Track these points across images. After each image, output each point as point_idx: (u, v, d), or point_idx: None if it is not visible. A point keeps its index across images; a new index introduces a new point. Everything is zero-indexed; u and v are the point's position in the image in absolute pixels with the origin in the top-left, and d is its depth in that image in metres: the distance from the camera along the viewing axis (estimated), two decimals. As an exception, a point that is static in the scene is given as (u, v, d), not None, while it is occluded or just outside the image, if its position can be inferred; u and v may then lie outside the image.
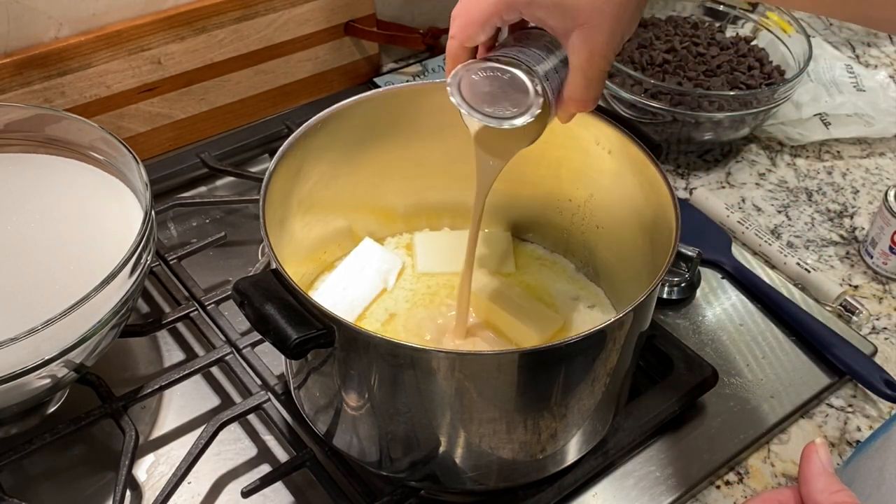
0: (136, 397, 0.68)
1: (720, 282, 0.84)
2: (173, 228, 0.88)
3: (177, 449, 0.69)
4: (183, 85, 0.92)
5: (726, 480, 0.69)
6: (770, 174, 0.97)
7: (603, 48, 0.53)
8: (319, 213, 0.71)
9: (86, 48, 0.84)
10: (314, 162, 0.67)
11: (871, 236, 0.85)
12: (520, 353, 0.57)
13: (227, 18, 0.91)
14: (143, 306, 0.80)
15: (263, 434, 0.70)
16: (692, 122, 0.93)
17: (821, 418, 0.74)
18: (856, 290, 0.84)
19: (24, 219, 0.70)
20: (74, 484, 0.67)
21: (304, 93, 1.01)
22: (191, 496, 0.66)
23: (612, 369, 0.59)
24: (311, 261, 0.74)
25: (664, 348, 0.73)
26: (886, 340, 0.80)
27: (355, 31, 1.00)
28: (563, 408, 0.59)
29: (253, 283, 0.54)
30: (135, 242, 0.62)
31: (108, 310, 0.61)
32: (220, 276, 0.82)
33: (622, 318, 0.55)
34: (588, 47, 0.53)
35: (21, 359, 0.58)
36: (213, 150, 0.91)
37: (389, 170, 0.74)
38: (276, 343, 0.53)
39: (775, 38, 1.01)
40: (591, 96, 0.56)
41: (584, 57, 0.54)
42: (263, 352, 0.71)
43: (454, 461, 0.60)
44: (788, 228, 0.90)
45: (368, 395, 0.58)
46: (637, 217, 0.67)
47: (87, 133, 0.73)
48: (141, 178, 0.68)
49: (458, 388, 0.55)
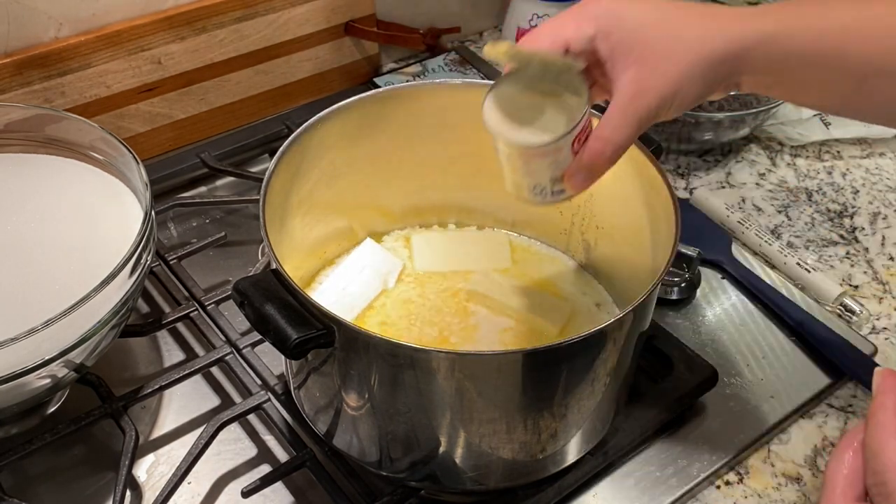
0: (136, 397, 0.68)
1: (720, 282, 0.84)
2: (173, 228, 0.88)
3: (177, 449, 0.69)
4: (183, 85, 0.92)
5: (726, 480, 0.69)
6: (770, 174, 0.97)
7: (650, 93, 0.51)
8: (319, 213, 0.71)
9: (86, 48, 0.84)
10: (314, 162, 0.67)
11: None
12: (520, 353, 0.57)
13: (227, 18, 0.91)
14: (143, 306, 0.80)
15: (263, 434, 0.70)
16: (692, 121, 0.93)
17: (821, 418, 0.74)
18: (856, 290, 0.84)
19: (24, 219, 0.70)
20: (74, 484, 0.67)
21: (304, 93, 1.01)
22: (191, 496, 0.66)
23: (613, 369, 0.59)
24: (311, 260, 0.74)
25: (664, 348, 0.73)
26: (886, 340, 0.80)
27: (355, 31, 1.00)
28: (563, 408, 0.59)
29: (253, 283, 0.54)
30: (135, 242, 0.62)
31: (108, 310, 0.61)
32: (220, 276, 0.82)
33: (622, 319, 0.55)
34: (637, 86, 0.52)
35: (21, 359, 0.58)
36: (213, 150, 0.91)
37: (389, 170, 0.74)
38: (276, 343, 0.53)
39: (775, 38, 1.01)
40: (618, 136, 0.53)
41: (628, 94, 0.52)
42: (263, 352, 0.71)
43: (454, 461, 0.60)
44: (788, 228, 0.90)
45: (368, 395, 0.58)
46: (637, 217, 0.67)
47: (87, 133, 0.73)
48: (141, 178, 0.68)
49: (459, 388, 0.55)
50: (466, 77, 1.04)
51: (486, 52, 0.55)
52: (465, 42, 1.14)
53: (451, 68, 1.06)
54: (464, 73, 1.05)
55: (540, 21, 1.07)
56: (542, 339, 0.69)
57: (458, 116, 0.68)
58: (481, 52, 1.12)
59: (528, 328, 0.70)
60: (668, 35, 0.52)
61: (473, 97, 0.69)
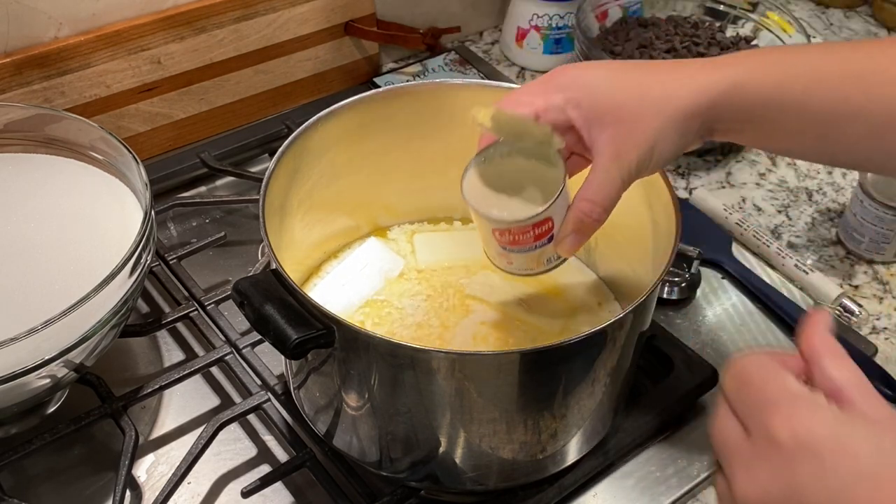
0: (136, 397, 0.68)
1: (720, 282, 0.84)
2: (173, 228, 0.88)
3: (177, 449, 0.69)
4: (183, 85, 0.92)
5: (726, 480, 0.69)
6: (770, 174, 0.97)
7: (629, 153, 0.53)
8: (319, 213, 0.71)
9: (85, 48, 0.84)
10: (314, 162, 0.67)
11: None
12: (520, 353, 0.57)
13: (227, 18, 0.91)
14: (143, 306, 0.80)
15: (263, 434, 0.70)
16: (692, 121, 0.93)
17: (821, 418, 0.74)
18: (856, 291, 0.84)
19: (24, 219, 0.70)
20: (74, 484, 0.67)
21: (303, 93, 1.01)
22: (191, 496, 0.66)
23: (613, 369, 0.59)
24: (311, 260, 0.74)
25: (664, 348, 0.73)
26: (886, 340, 0.80)
27: (355, 30, 1.00)
28: (564, 408, 0.59)
29: (253, 283, 0.54)
30: (135, 242, 0.62)
31: (108, 310, 0.61)
32: (220, 276, 0.82)
33: (622, 319, 0.55)
34: (614, 147, 0.53)
35: (21, 359, 0.58)
36: (212, 150, 0.91)
37: (389, 170, 0.74)
38: (276, 343, 0.53)
39: (776, 38, 1.01)
40: (602, 197, 0.54)
41: (608, 156, 0.53)
42: (263, 352, 0.71)
43: (454, 461, 0.60)
44: (789, 228, 0.90)
45: (368, 395, 0.58)
46: (637, 217, 0.67)
47: (87, 133, 0.73)
48: (141, 178, 0.68)
49: (459, 388, 0.55)
50: (466, 77, 1.04)
51: (473, 114, 0.56)
52: (465, 42, 1.14)
53: (451, 68, 1.06)
54: (464, 73, 1.05)
55: (540, 21, 1.07)
56: (542, 338, 0.69)
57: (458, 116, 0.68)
58: (481, 54, 1.12)
59: (528, 327, 0.70)
60: (634, 97, 0.53)
61: (473, 97, 0.69)
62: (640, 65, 0.55)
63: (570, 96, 0.54)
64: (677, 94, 0.53)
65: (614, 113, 0.53)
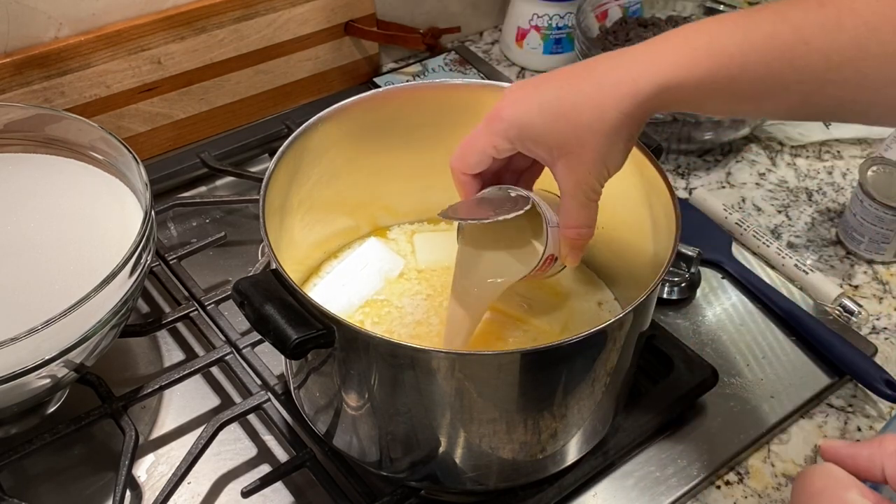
0: (136, 397, 0.68)
1: (720, 282, 0.84)
2: (173, 228, 0.88)
3: (177, 449, 0.69)
4: (183, 85, 0.92)
5: (726, 480, 0.69)
6: (770, 174, 0.97)
7: (586, 177, 0.56)
8: (319, 213, 0.71)
9: (86, 48, 0.84)
10: (314, 162, 0.67)
11: None
12: (520, 353, 0.57)
13: (227, 18, 0.91)
14: (143, 306, 0.80)
15: (263, 434, 0.70)
16: (692, 121, 0.93)
17: (821, 418, 0.74)
18: (856, 291, 0.84)
19: (24, 219, 0.70)
20: (74, 484, 0.67)
21: (303, 93, 1.01)
22: (191, 496, 0.66)
23: (613, 369, 0.59)
24: (311, 260, 0.74)
25: (664, 348, 0.73)
26: (886, 340, 0.80)
27: (355, 30, 1.00)
28: (564, 408, 0.59)
29: (253, 283, 0.54)
30: (135, 242, 0.62)
31: (108, 310, 0.61)
32: (220, 276, 0.82)
33: (622, 319, 0.55)
34: (574, 176, 0.56)
35: (21, 359, 0.58)
36: (213, 150, 0.91)
37: (389, 170, 0.74)
38: (276, 343, 0.53)
39: (775, 37, 1.01)
40: (583, 219, 0.58)
41: (570, 184, 0.56)
42: (263, 352, 0.71)
43: (454, 461, 0.60)
44: (789, 228, 0.90)
45: (368, 395, 0.58)
46: (637, 217, 0.67)
47: (87, 133, 0.73)
48: (141, 178, 0.68)
49: (459, 388, 0.55)
50: (466, 77, 1.04)
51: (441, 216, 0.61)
52: (465, 42, 1.14)
53: (451, 68, 1.06)
54: (464, 73, 1.05)
55: (540, 21, 1.07)
56: (542, 338, 0.69)
57: (457, 116, 0.68)
58: (481, 54, 1.12)
59: (528, 327, 0.70)
60: (570, 126, 0.55)
61: (473, 97, 0.69)
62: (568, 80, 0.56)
63: (513, 138, 0.57)
64: (608, 112, 0.54)
65: (559, 148, 0.55)
